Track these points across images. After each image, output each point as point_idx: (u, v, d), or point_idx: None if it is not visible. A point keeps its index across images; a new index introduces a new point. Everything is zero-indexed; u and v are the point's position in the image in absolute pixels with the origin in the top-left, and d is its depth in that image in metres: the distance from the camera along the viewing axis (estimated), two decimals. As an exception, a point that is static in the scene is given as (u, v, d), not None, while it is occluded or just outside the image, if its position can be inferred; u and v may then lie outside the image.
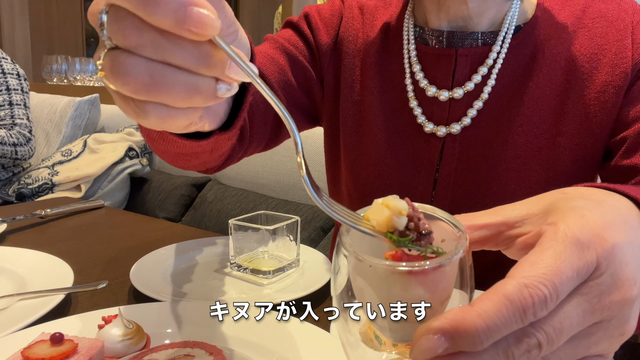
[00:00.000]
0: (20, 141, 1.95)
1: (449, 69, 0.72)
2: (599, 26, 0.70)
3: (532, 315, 0.27)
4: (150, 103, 0.33)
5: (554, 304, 0.27)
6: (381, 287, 0.30)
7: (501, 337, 0.27)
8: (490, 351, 0.27)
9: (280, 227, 0.76)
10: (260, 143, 0.81)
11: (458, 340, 0.26)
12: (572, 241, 0.29)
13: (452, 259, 0.30)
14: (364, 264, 0.30)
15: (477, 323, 0.26)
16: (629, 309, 0.31)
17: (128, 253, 0.85)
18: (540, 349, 0.28)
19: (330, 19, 0.85)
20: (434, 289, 0.30)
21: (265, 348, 0.52)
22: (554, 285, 0.27)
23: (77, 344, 0.48)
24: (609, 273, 0.29)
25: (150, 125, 0.34)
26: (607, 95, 0.67)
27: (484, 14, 0.71)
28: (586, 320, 0.29)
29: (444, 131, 0.72)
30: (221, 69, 0.32)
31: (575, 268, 0.28)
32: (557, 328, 0.28)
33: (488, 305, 0.26)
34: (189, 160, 0.63)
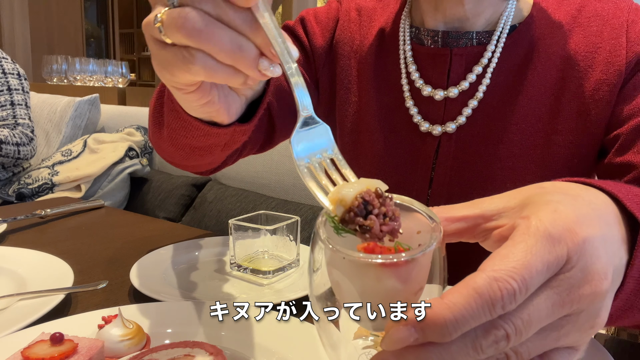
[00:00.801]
0: (23, 141, 1.95)
1: (444, 69, 0.73)
2: (594, 25, 0.70)
3: (501, 309, 0.27)
4: (199, 52, 0.37)
5: (522, 297, 0.28)
6: (355, 279, 0.31)
7: (469, 329, 0.27)
8: (459, 342, 0.28)
9: (280, 227, 0.76)
10: (255, 146, 0.84)
11: (427, 332, 0.27)
12: (543, 235, 0.29)
13: (426, 250, 0.30)
14: (338, 256, 0.31)
15: (445, 315, 0.27)
16: (599, 303, 0.31)
17: (128, 253, 0.85)
18: (508, 340, 0.28)
19: (327, 22, 0.86)
20: (407, 280, 0.30)
21: (265, 348, 0.52)
22: (524, 279, 0.28)
23: (77, 344, 0.48)
24: (579, 267, 0.30)
25: (194, 73, 0.38)
26: (601, 93, 0.68)
27: (480, 15, 0.72)
28: (555, 313, 0.29)
29: (440, 130, 0.73)
30: (262, 39, 0.37)
31: (545, 262, 0.29)
32: (526, 320, 0.28)
33: (457, 298, 0.27)
34: (201, 157, 0.65)
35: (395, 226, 0.32)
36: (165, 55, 0.39)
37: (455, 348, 0.28)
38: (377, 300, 0.30)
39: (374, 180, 0.33)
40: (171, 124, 0.59)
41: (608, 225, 0.34)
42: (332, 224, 0.33)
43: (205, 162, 0.70)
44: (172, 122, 0.58)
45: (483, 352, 0.28)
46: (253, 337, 0.54)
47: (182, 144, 0.61)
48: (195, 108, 0.49)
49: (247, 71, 0.39)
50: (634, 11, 0.70)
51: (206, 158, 0.66)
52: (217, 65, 0.38)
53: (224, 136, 0.56)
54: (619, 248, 0.34)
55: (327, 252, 0.32)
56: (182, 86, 0.44)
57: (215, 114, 0.50)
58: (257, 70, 0.38)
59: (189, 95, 0.45)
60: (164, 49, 0.39)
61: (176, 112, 0.55)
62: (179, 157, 0.68)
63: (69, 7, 5.80)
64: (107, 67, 3.31)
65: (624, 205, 0.36)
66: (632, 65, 0.67)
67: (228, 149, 0.63)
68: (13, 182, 2.03)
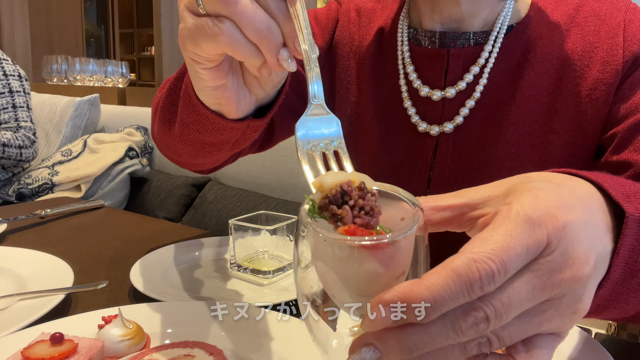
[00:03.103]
0: (26, 143, 1.96)
1: (441, 69, 0.73)
2: (591, 24, 0.70)
3: (479, 289, 0.28)
4: (229, 22, 0.40)
5: (501, 279, 0.28)
6: (337, 265, 0.31)
7: (448, 309, 0.28)
8: (439, 323, 0.28)
9: (280, 227, 0.76)
10: (254, 145, 0.85)
11: (407, 312, 0.27)
12: (523, 219, 0.30)
13: (407, 233, 0.30)
14: (320, 242, 0.31)
15: (424, 295, 0.27)
16: (581, 287, 0.31)
17: (128, 253, 0.85)
18: (488, 323, 0.28)
19: (326, 22, 0.86)
20: (389, 263, 0.30)
21: (265, 348, 0.52)
22: (502, 260, 0.28)
23: (77, 344, 0.48)
24: (560, 251, 0.30)
25: (219, 41, 0.41)
26: (598, 93, 0.68)
27: (476, 15, 0.72)
28: (536, 296, 0.30)
29: (437, 130, 0.73)
30: (291, 30, 0.41)
31: (525, 245, 0.29)
32: (506, 303, 0.28)
33: (436, 279, 0.27)
34: (209, 154, 0.66)
35: (370, 221, 0.31)
36: (196, 23, 0.42)
37: (435, 330, 0.28)
38: (359, 285, 0.30)
39: (362, 175, 0.33)
40: (185, 119, 0.60)
41: (591, 212, 0.34)
42: (308, 206, 0.33)
43: (211, 160, 0.70)
44: (186, 116, 0.59)
45: (463, 334, 0.28)
46: (253, 337, 0.54)
47: (193, 139, 0.62)
48: (207, 90, 0.51)
49: (267, 55, 0.41)
50: (631, 11, 0.70)
51: (214, 155, 0.67)
52: (242, 40, 0.41)
53: (237, 131, 0.57)
54: (603, 236, 0.34)
55: (312, 241, 0.32)
56: (202, 60, 0.46)
57: (225, 102, 0.52)
58: (277, 58, 0.41)
59: (206, 72, 0.47)
60: (195, 18, 0.42)
61: (192, 105, 0.56)
62: (186, 153, 0.68)
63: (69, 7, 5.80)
64: (107, 67, 3.31)
65: (609, 195, 0.36)
66: (628, 64, 0.67)
67: (238, 146, 0.63)
68: (13, 182, 2.03)
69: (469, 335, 0.28)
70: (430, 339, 0.28)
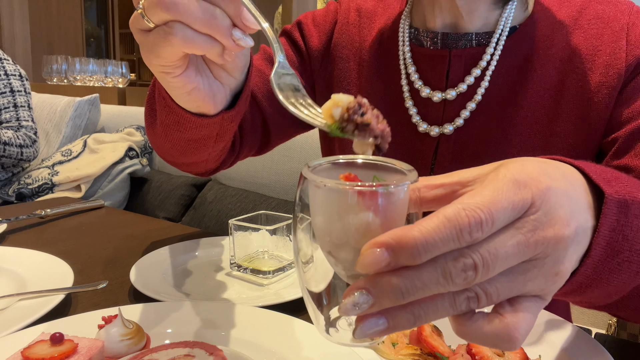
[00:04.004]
0: (27, 142, 1.96)
1: (443, 70, 0.73)
2: (594, 27, 0.70)
3: (468, 235, 0.29)
4: (178, 23, 0.43)
5: (489, 228, 0.30)
6: (334, 214, 0.32)
7: (439, 253, 0.29)
8: (429, 267, 0.29)
9: (280, 227, 0.76)
10: (252, 149, 0.86)
11: (399, 253, 0.29)
12: (510, 180, 0.32)
13: (403, 185, 0.32)
14: (319, 192, 0.32)
15: (416, 237, 0.28)
16: (563, 249, 0.32)
17: (128, 253, 0.85)
18: (475, 271, 0.30)
19: (324, 24, 0.86)
20: (383, 216, 0.31)
21: (265, 348, 0.52)
22: (490, 211, 0.30)
23: (77, 344, 0.48)
24: (543, 211, 0.32)
25: (175, 44, 0.44)
26: (600, 96, 0.68)
27: (473, 12, 0.72)
28: (521, 252, 0.31)
29: (437, 131, 0.73)
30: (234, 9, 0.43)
31: (511, 201, 0.31)
32: (493, 253, 0.30)
33: (428, 223, 0.29)
34: (196, 150, 0.67)
35: (387, 126, 0.35)
36: (149, 38, 0.45)
37: (426, 274, 0.29)
38: (354, 236, 0.31)
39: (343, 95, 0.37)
40: (164, 120, 0.62)
41: (573, 186, 0.36)
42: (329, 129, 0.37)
43: (202, 159, 0.71)
44: (164, 118, 0.61)
45: (452, 281, 0.29)
46: (253, 337, 0.54)
47: (175, 138, 0.64)
48: (183, 96, 0.53)
49: (222, 39, 0.44)
50: (634, 14, 0.70)
51: (201, 152, 0.68)
52: (194, 34, 0.44)
53: (213, 126, 0.60)
54: (585, 210, 0.35)
55: (311, 194, 0.33)
56: (169, 68, 0.48)
57: (202, 103, 0.55)
58: (232, 39, 0.44)
59: (177, 80, 0.50)
60: (148, 34, 0.45)
61: (168, 107, 0.59)
62: (175, 153, 0.69)
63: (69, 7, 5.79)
64: (107, 67, 3.31)
65: (590, 178, 0.37)
66: (631, 68, 0.67)
67: (220, 140, 0.65)
68: (13, 182, 2.03)
69: (458, 283, 0.30)
70: (421, 283, 0.29)
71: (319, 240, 0.33)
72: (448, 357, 0.51)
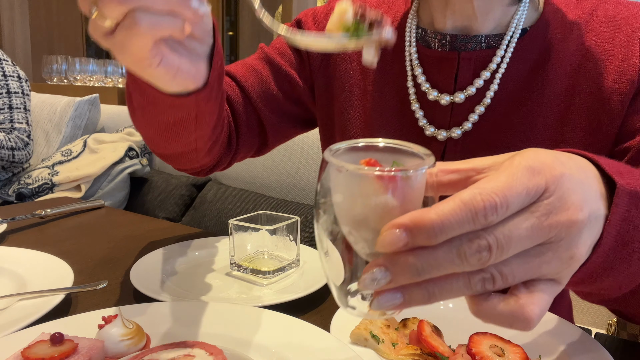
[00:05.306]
0: (19, 145, 1.96)
1: (451, 73, 0.71)
2: (606, 31, 0.68)
3: (483, 218, 0.30)
4: (137, 12, 0.41)
5: (503, 211, 0.31)
6: (356, 196, 0.33)
7: (454, 234, 0.31)
8: (445, 247, 0.31)
9: (280, 227, 0.76)
10: (250, 150, 0.86)
11: (416, 234, 0.30)
12: (525, 167, 0.33)
13: (420, 170, 0.33)
14: (340, 176, 0.34)
15: (433, 219, 0.30)
16: (576, 232, 0.33)
17: (128, 253, 0.85)
18: (490, 252, 0.31)
19: (324, 22, 0.85)
20: (402, 199, 0.33)
21: (265, 348, 0.52)
22: (505, 196, 0.31)
23: (77, 344, 0.48)
24: (556, 196, 0.33)
25: (143, 33, 0.42)
26: (612, 103, 0.66)
27: (488, 14, 0.70)
28: (534, 235, 0.32)
29: (445, 135, 0.71)
30: None
31: (525, 187, 0.32)
32: (507, 235, 0.31)
33: (445, 206, 0.30)
34: (178, 136, 0.65)
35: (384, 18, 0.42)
36: (116, 38, 0.43)
37: (441, 253, 0.31)
38: (374, 218, 0.33)
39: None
40: (141, 104, 0.61)
41: (586, 175, 0.37)
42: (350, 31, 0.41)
43: (188, 147, 0.69)
44: (141, 101, 0.60)
45: (467, 261, 0.31)
46: (253, 337, 0.54)
47: (155, 121, 0.63)
48: (169, 82, 0.51)
49: (184, 12, 0.44)
50: None
51: (184, 138, 0.66)
52: (157, 17, 0.42)
53: (189, 107, 0.59)
54: (597, 198, 0.36)
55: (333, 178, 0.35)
56: (146, 61, 0.46)
57: (189, 81, 0.54)
58: (192, 10, 0.44)
59: (159, 70, 0.48)
60: (113, 36, 0.43)
61: (141, 90, 0.58)
62: (159, 140, 0.68)
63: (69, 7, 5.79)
64: (107, 67, 3.30)
65: (603, 170, 0.38)
66: None
67: (201, 123, 0.64)
68: (13, 182, 2.03)
69: (472, 263, 0.31)
70: (436, 261, 0.31)
71: (341, 220, 0.35)
72: (448, 357, 0.51)
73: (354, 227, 0.34)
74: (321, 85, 0.84)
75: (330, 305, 0.68)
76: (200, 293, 0.70)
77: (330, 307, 0.66)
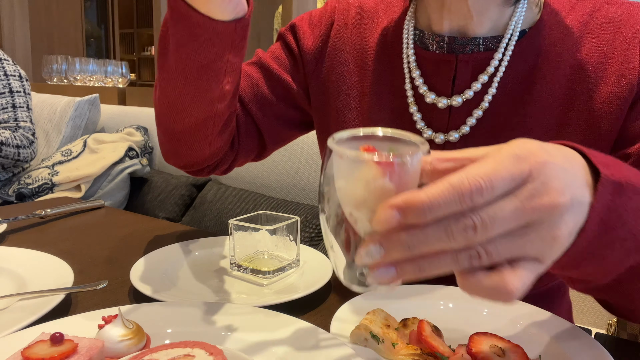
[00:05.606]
0: (24, 143, 1.96)
1: (449, 76, 0.71)
2: (606, 33, 0.67)
3: (470, 200, 0.33)
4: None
5: (488, 194, 0.34)
6: (356, 181, 0.37)
7: (443, 214, 0.33)
8: (433, 226, 0.34)
9: (280, 227, 0.76)
10: (250, 153, 0.86)
11: (408, 213, 0.33)
12: (510, 154, 0.35)
13: (415, 156, 0.37)
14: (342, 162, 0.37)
15: (423, 199, 0.33)
16: (558, 215, 0.36)
17: (128, 253, 0.85)
18: (475, 230, 0.34)
19: (319, 25, 0.84)
20: (397, 183, 0.36)
21: (265, 348, 0.52)
22: (490, 179, 0.33)
23: (77, 344, 0.48)
24: (540, 181, 0.35)
25: None
26: (612, 107, 0.65)
27: (484, 13, 0.69)
28: (518, 216, 0.35)
29: (442, 138, 0.71)
30: None
31: (510, 172, 0.34)
32: (491, 216, 0.34)
33: (434, 188, 0.33)
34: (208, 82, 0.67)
35: None
36: None
37: (430, 231, 0.34)
38: (372, 200, 0.36)
39: None
40: (178, 39, 0.63)
41: (571, 164, 0.39)
42: None
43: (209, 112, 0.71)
44: (180, 37, 0.63)
45: (454, 238, 0.34)
46: (253, 337, 0.54)
47: (189, 65, 0.65)
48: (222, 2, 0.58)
49: None
50: None
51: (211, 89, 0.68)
52: None
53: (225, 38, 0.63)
54: (582, 186, 0.38)
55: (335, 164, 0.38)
56: None
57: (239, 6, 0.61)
58: None
59: None
60: None
61: (186, 19, 0.61)
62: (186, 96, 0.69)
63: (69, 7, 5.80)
64: (107, 67, 3.31)
65: (590, 161, 0.40)
66: None
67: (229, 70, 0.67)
68: (13, 182, 2.03)
69: (459, 240, 0.34)
70: (425, 238, 0.34)
71: (342, 202, 0.38)
72: (448, 357, 0.51)
73: (354, 209, 0.37)
74: (316, 88, 0.83)
75: (330, 305, 0.68)
76: (200, 293, 0.70)
77: (330, 307, 0.66)
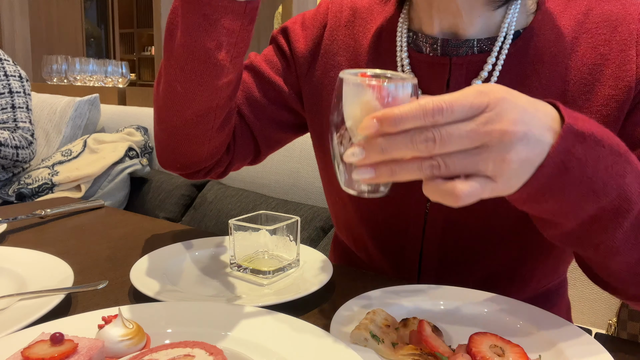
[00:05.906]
0: (22, 144, 1.96)
1: (443, 79, 0.70)
2: (601, 32, 0.66)
3: (431, 117, 0.42)
4: None
5: (448, 115, 0.42)
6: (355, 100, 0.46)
7: (410, 126, 0.43)
8: (403, 134, 0.43)
9: (280, 227, 0.76)
10: (245, 158, 0.87)
11: (384, 122, 0.43)
12: (475, 89, 0.44)
13: (403, 84, 0.46)
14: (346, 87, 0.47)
15: (396, 113, 0.43)
16: (508, 141, 0.43)
17: (128, 253, 0.85)
18: (434, 142, 0.42)
19: (312, 27, 0.84)
20: (386, 104, 0.45)
21: (265, 348, 0.52)
22: (451, 104, 0.42)
23: (77, 344, 0.48)
24: (495, 112, 0.43)
25: None
26: (609, 110, 0.64)
27: (473, 12, 0.67)
28: (472, 137, 0.43)
29: None
30: None
31: (470, 101, 0.43)
32: (449, 132, 0.43)
33: (406, 106, 0.43)
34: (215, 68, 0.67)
35: None
36: None
37: (400, 138, 0.43)
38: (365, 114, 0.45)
39: None
40: (188, 23, 0.65)
41: (535, 108, 0.46)
42: None
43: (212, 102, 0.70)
44: (188, 14, 0.65)
45: (416, 146, 0.43)
46: (253, 337, 0.54)
47: (196, 50, 0.66)
48: None
49: None
50: None
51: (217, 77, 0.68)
52: None
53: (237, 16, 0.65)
54: (542, 127, 0.46)
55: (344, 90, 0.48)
56: None
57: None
58: None
59: None
60: None
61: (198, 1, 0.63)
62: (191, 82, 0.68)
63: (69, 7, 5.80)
64: (107, 67, 3.31)
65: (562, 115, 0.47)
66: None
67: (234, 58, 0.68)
68: (13, 182, 2.03)
69: (420, 148, 0.43)
70: (395, 143, 0.43)
71: (346, 117, 0.48)
72: (448, 357, 0.51)
73: (353, 122, 0.47)
74: (309, 90, 0.83)
75: (330, 305, 0.68)
76: (200, 293, 0.70)
77: (330, 307, 0.66)
